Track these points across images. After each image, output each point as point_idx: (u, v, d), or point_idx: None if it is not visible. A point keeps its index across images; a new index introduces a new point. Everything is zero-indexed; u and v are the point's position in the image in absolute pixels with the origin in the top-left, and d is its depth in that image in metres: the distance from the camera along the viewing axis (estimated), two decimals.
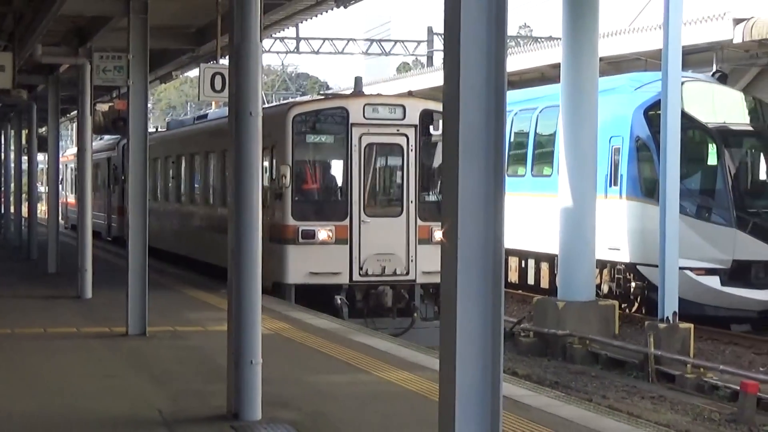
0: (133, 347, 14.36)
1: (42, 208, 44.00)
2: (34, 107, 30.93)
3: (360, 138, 19.75)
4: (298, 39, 48.71)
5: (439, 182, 18.45)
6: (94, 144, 40.21)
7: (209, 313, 17.45)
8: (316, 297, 19.28)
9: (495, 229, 5.27)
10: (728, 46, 30.40)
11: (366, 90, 23.12)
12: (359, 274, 19.61)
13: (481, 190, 5.24)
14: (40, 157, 38.25)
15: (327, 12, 18.95)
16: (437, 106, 19.55)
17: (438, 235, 18.01)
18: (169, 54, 24.12)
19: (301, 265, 19.55)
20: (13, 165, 38.86)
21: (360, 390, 11.48)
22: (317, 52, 49.90)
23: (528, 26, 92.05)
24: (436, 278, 18.01)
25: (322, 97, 24.22)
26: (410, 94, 24.35)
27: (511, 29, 75.62)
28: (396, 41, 52.44)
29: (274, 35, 36.65)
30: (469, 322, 5.28)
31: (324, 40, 49.74)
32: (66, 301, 19.37)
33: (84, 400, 11.05)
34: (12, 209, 39.46)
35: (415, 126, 19.82)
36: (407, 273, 19.73)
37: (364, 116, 19.75)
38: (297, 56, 67.53)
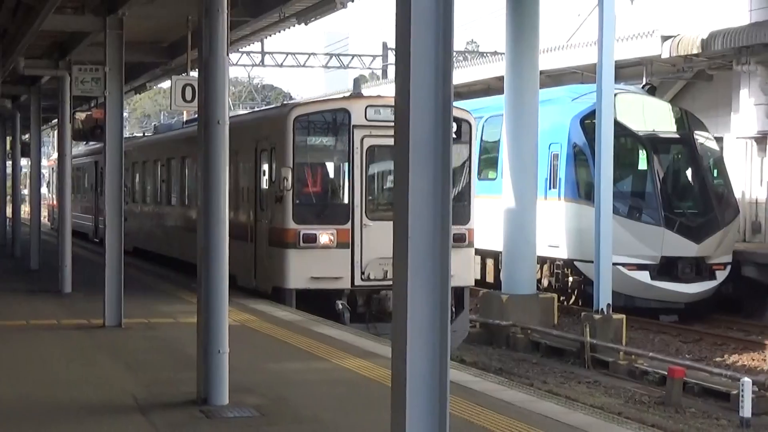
0: (110, 338, 14.29)
1: (25, 209, 43.63)
2: (17, 115, 30.74)
3: (362, 140, 18.00)
4: (263, 53, 48.55)
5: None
6: (81, 148, 39.77)
7: (181, 306, 17.39)
8: (316, 302, 17.64)
9: (442, 227, 5.29)
10: (657, 60, 30.70)
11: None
12: (361, 278, 17.85)
13: (430, 190, 5.25)
14: (24, 161, 37.99)
15: (290, 28, 18.95)
16: None
17: None
18: (144, 66, 24.01)
19: (303, 270, 17.77)
20: None
21: (319, 376, 11.49)
22: (281, 65, 49.79)
23: (475, 42, 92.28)
24: None
25: (323, 98, 22.98)
26: None
27: (460, 45, 75.85)
28: (353, 56, 52.38)
29: (240, 49, 36.57)
30: (420, 313, 5.28)
31: (287, 54, 49.63)
32: (47, 296, 19.24)
33: (64, 387, 11.00)
34: None
35: None
36: None
37: (366, 118, 17.97)
38: (262, 69, 67.54)
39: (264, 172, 19.09)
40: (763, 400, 16.25)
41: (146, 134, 37.84)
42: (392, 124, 16.79)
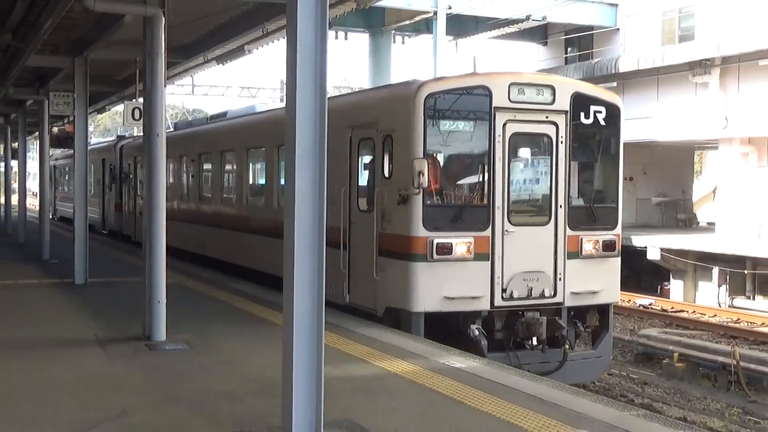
0: (78, 292, 13.94)
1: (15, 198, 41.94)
2: (8, 129, 29.86)
3: (504, 126, 10.89)
4: (193, 85, 48.00)
5: (584, 184, 11.69)
6: (92, 143, 35.20)
7: (133, 269, 16.98)
8: (444, 326, 10.64)
9: (320, 213, 5.33)
10: None
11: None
12: (502, 297, 10.84)
13: (311, 186, 5.32)
14: (14, 163, 36.59)
15: (212, 67, 18.69)
16: (591, 90, 11.56)
17: (588, 246, 11.24)
18: (103, 94, 23.44)
19: (434, 288, 10.56)
20: None
21: (235, 318, 11.40)
22: (206, 95, 49.43)
23: (347, 80, 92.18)
24: (585, 300, 11.30)
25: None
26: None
27: (336, 81, 75.48)
28: (260, 88, 51.94)
29: (175, 83, 35.82)
30: (304, 268, 5.35)
31: (211, 86, 49.28)
32: (31, 262, 18.66)
33: (42, 326, 10.77)
34: None
35: (566, 112, 11.16)
36: (554, 294, 11.10)
37: (509, 98, 10.90)
38: (192, 97, 66.24)
39: (365, 165, 11.81)
40: None
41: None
42: (538, 107, 11.38)
